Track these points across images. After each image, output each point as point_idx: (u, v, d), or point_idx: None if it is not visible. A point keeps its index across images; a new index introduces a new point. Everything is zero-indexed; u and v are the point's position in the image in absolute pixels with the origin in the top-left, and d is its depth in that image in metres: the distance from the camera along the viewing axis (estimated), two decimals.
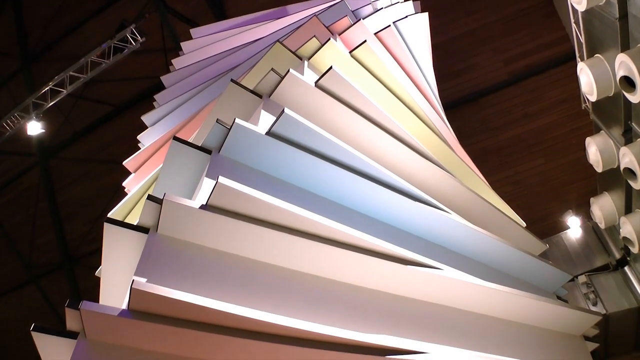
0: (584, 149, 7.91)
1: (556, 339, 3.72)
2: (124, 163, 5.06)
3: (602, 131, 7.63)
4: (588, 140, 7.73)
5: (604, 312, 8.61)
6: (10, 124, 11.51)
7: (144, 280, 2.26)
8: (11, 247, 14.90)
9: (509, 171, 11.52)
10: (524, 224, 4.57)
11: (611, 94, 6.50)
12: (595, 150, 7.48)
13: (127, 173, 5.15)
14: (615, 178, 7.71)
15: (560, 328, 3.76)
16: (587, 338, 3.92)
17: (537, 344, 3.56)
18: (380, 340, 2.55)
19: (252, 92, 3.60)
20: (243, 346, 2.30)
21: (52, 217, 14.17)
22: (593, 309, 8.57)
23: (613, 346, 9.14)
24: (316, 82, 3.64)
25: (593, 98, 6.77)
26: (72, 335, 2.18)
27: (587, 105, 8.04)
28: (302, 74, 3.87)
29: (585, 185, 10.38)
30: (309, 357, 2.40)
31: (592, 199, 8.51)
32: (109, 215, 3.91)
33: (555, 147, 11.30)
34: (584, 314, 3.83)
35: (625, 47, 5.75)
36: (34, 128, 11.41)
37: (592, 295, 8.90)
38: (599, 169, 7.63)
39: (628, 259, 9.00)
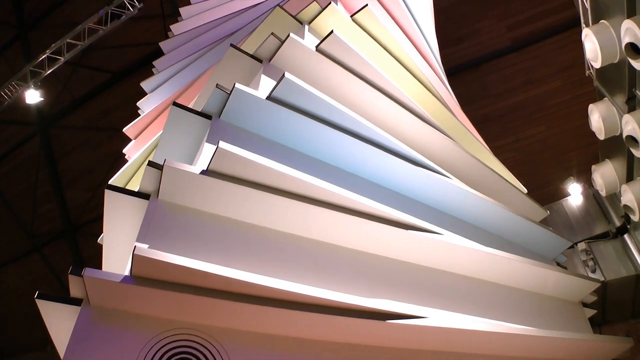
0: (586, 116, 7.85)
1: (554, 305, 3.76)
2: (124, 130, 5.04)
3: (605, 98, 7.55)
4: (591, 107, 7.66)
5: (602, 279, 8.65)
6: (9, 92, 11.42)
7: (145, 246, 2.27)
8: (13, 216, 14.96)
9: (511, 137, 11.46)
10: (525, 190, 4.56)
11: (616, 61, 6.42)
12: (598, 117, 7.42)
13: (127, 140, 5.13)
14: (617, 146, 7.66)
15: (559, 294, 3.79)
16: (585, 304, 3.96)
17: (535, 310, 3.59)
18: (381, 304, 2.57)
19: (252, 56, 3.56)
20: (243, 310, 2.32)
21: (53, 185, 14.18)
22: (592, 276, 8.62)
23: (610, 313, 9.21)
24: (317, 47, 3.59)
25: (597, 65, 6.69)
26: (76, 302, 2.19)
27: (591, 72, 7.95)
28: (303, 38, 3.81)
29: (586, 152, 10.35)
30: (309, 321, 2.43)
31: (593, 167, 8.48)
32: (110, 182, 3.90)
33: (557, 114, 11.22)
34: (582, 281, 3.86)
35: (631, 13, 5.64)
36: (33, 96, 11.33)
37: (591, 263, 8.93)
38: (601, 136, 7.58)
39: (628, 227, 9.01)
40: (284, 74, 3.04)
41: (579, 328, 3.69)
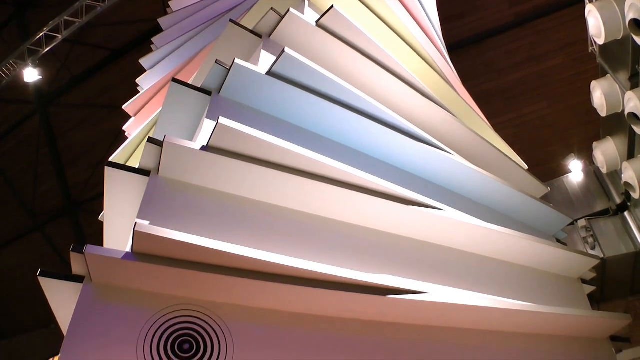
0: (588, 93, 7.80)
1: (554, 281, 3.77)
2: (123, 107, 5.00)
3: (608, 75, 7.50)
4: (593, 84, 7.62)
5: (601, 256, 8.68)
6: (6, 71, 11.35)
7: (146, 222, 2.27)
8: (14, 195, 14.98)
9: (512, 114, 11.40)
10: (526, 167, 4.55)
11: (619, 37, 6.36)
12: (600, 94, 7.38)
13: (127, 117, 5.11)
14: (619, 123, 7.64)
15: (559, 270, 3.80)
16: (584, 281, 3.97)
17: (535, 286, 3.61)
18: (381, 279, 2.58)
19: (251, 32, 3.52)
20: (244, 285, 2.33)
21: (54, 163, 14.17)
22: (591, 252, 8.65)
23: (609, 290, 9.27)
24: (317, 22, 3.56)
25: (601, 41, 6.63)
26: (78, 279, 2.20)
27: (594, 49, 7.88)
28: (303, 13, 3.77)
29: (588, 129, 10.29)
30: (310, 297, 2.44)
31: (594, 144, 8.46)
32: (111, 159, 3.89)
33: (559, 91, 11.14)
34: (582, 257, 3.87)
35: None
36: (31, 75, 11.26)
37: (590, 239, 8.95)
38: (603, 113, 7.55)
39: (628, 204, 9.01)
40: (283, 49, 3.01)
41: (578, 304, 3.70)
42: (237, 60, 2.91)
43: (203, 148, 2.54)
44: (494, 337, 3.04)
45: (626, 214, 9.10)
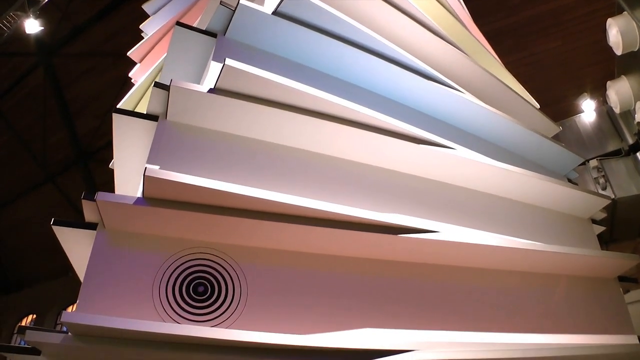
0: (603, 32, 7.58)
1: (564, 221, 3.77)
2: (128, 54, 4.92)
3: (625, 12, 7.26)
4: (609, 21, 7.38)
5: (612, 196, 8.65)
6: (7, 24, 11.16)
7: (156, 167, 2.28)
8: (25, 147, 15.07)
9: (525, 52, 11.14)
10: (538, 106, 4.47)
11: None
12: (617, 31, 7.17)
13: (132, 64, 5.04)
14: (634, 62, 7.44)
15: (569, 210, 3.79)
16: (594, 221, 3.96)
17: (546, 225, 3.61)
18: (393, 219, 2.59)
19: None
20: (256, 227, 2.35)
21: (62, 114, 14.19)
22: (602, 193, 8.61)
23: (618, 231, 9.28)
24: None
25: None
26: (91, 226, 2.23)
27: None
28: None
29: (601, 68, 10.06)
30: (322, 237, 2.46)
31: (608, 83, 8.28)
32: (118, 106, 3.86)
33: (573, 29, 10.83)
34: (593, 197, 3.85)
35: None
36: (32, 26, 11.08)
37: (602, 180, 8.90)
38: (618, 51, 7.35)
39: None
40: None
41: (588, 244, 3.71)
42: (242, 1, 2.84)
43: (210, 90, 2.51)
44: (503, 275, 3.07)
45: (638, 154, 9.00)
